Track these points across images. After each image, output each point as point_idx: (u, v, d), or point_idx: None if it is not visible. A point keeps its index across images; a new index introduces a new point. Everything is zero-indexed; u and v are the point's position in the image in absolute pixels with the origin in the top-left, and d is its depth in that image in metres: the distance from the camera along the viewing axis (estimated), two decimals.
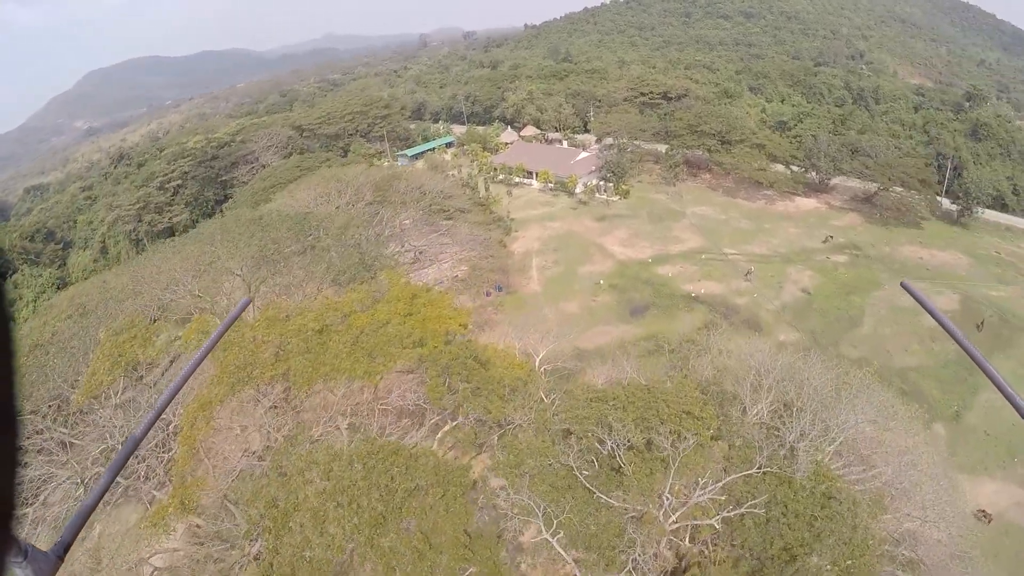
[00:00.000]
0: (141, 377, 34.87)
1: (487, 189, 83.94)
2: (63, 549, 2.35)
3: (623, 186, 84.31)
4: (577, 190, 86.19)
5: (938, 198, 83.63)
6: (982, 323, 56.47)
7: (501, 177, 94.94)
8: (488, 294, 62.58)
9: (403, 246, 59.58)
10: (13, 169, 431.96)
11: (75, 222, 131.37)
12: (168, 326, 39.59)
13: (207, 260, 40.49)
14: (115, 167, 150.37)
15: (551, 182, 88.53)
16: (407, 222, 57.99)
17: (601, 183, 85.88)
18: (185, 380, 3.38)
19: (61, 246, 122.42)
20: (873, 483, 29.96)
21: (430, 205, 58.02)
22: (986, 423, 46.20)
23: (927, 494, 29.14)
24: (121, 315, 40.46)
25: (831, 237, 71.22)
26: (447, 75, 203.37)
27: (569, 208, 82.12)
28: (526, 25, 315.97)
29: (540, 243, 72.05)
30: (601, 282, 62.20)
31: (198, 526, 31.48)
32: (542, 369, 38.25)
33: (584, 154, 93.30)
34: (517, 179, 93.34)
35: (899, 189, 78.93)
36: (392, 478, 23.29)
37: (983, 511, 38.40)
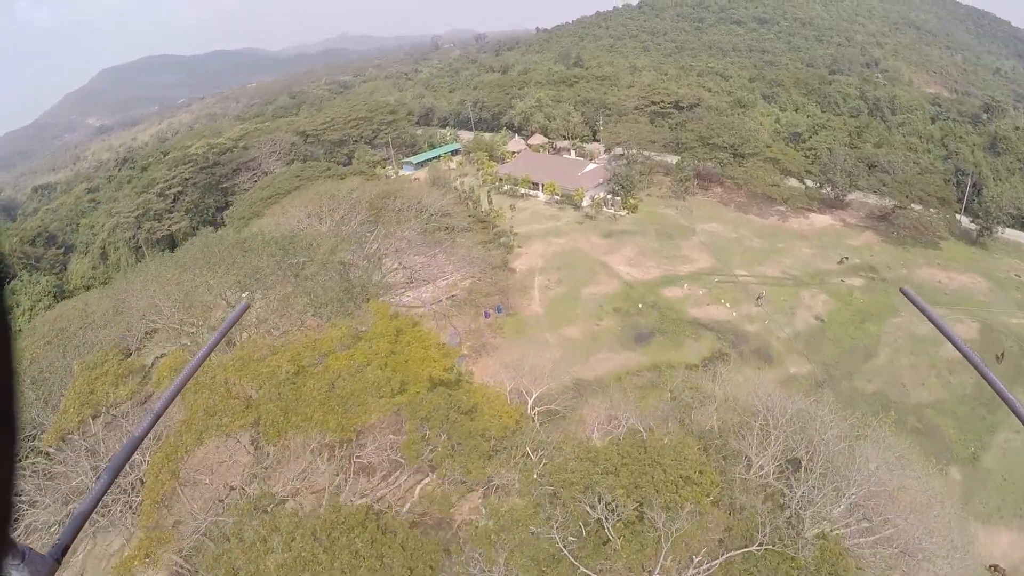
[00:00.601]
0: (111, 421, 33.11)
1: (490, 203, 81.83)
2: (60, 552, 2.36)
3: (631, 200, 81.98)
4: (584, 203, 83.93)
5: (957, 216, 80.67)
6: (1002, 354, 53.79)
7: (507, 188, 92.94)
8: (487, 315, 60.49)
9: (399, 264, 57.67)
10: (26, 165, 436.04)
11: (77, 225, 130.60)
12: (145, 358, 37.78)
13: (186, 288, 38.56)
14: (119, 170, 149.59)
15: (557, 194, 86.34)
16: (403, 242, 56.02)
17: (609, 197, 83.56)
18: (184, 384, 3.40)
19: (62, 251, 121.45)
20: (885, 549, 27.68)
21: (427, 223, 56.00)
22: (1003, 466, 43.74)
23: (941, 557, 26.93)
24: (98, 345, 38.74)
25: (846, 258, 68.57)
26: (457, 79, 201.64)
27: (575, 223, 79.85)
28: (537, 29, 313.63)
29: (543, 260, 69.87)
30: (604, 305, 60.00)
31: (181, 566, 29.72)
32: (534, 411, 36.08)
33: (592, 166, 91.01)
34: (523, 190, 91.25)
35: (917, 207, 76.11)
36: (356, 553, 21.24)
37: (996, 567, 36.02)
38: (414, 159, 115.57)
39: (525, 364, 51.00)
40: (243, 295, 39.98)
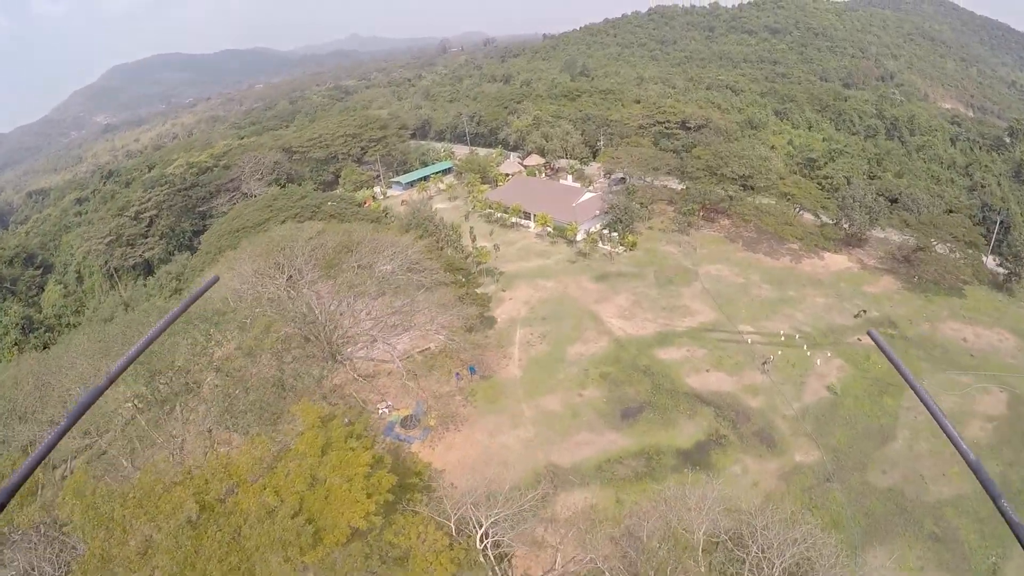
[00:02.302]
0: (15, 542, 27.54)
1: (473, 240, 75.69)
2: (6, 495, 2.49)
3: (630, 236, 75.55)
4: (578, 237, 77.66)
5: (984, 258, 73.76)
6: None
7: (498, 216, 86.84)
8: (459, 376, 54.46)
9: (367, 314, 51.62)
10: (31, 162, 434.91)
11: (58, 244, 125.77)
12: (52, 472, 31.98)
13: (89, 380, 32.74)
14: (104, 183, 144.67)
15: (549, 227, 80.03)
16: (367, 296, 49.99)
17: (605, 232, 77.21)
18: (143, 348, 3.42)
19: (40, 271, 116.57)
20: None
21: (391, 276, 49.92)
22: None
23: None
24: (14, 442, 33.31)
25: (864, 312, 61.87)
26: (458, 87, 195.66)
27: (567, 261, 73.53)
28: (545, 36, 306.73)
29: (528, 309, 63.61)
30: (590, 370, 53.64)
31: None
32: (484, 545, 29.89)
33: (588, 195, 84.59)
34: (514, 219, 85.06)
35: (942, 248, 69.32)
36: None
37: None
38: (403, 179, 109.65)
39: (491, 457, 45.62)
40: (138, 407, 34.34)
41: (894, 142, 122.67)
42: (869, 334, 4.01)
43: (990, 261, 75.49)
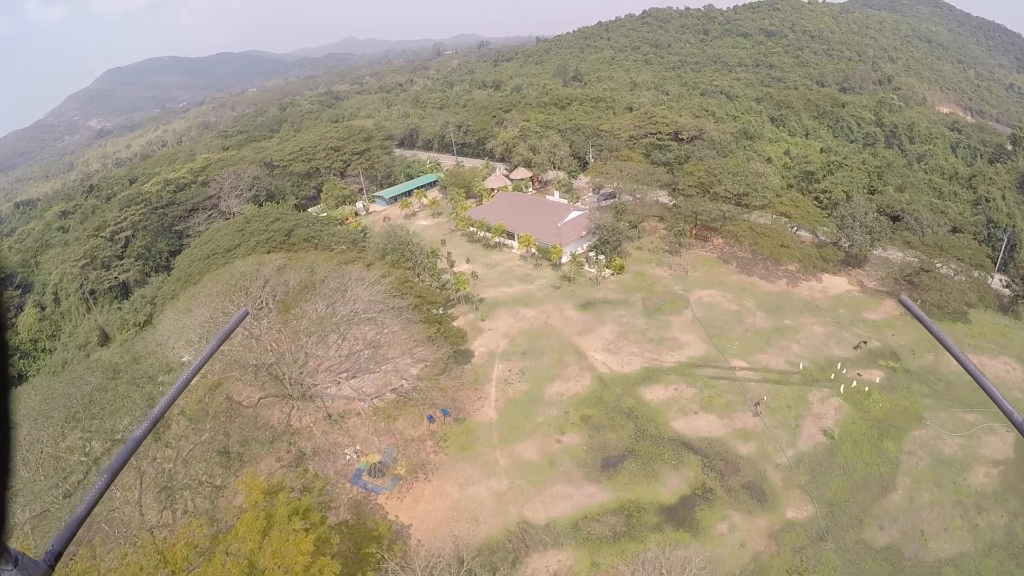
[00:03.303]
0: None
1: (452, 265, 72.29)
2: (54, 558, 2.39)
3: (617, 259, 72.10)
4: (563, 259, 74.24)
5: (990, 278, 70.39)
6: None
7: (481, 235, 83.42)
8: (431, 419, 51.13)
9: (335, 351, 48.19)
10: (23, 168, 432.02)
11: (38, 263, 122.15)
12: None
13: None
14: (85, 198, 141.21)
15: (533, 248, 76.58)
16: (337, 332, 46.58)
17: (592, 254, 73.80)
18: (182, 388, 3.46)
19: (19, 292, 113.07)
20: None
21: (356, 317, 46.45)
22: None
23: None
24: None
25: (864, 343, 58.40)
26: (448, 93, 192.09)
27: (551, 287, 70.07)
28: (538, 39, 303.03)
29: (507, 341, 60.15)
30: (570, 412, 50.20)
31: None
32: None
33: (574, 214, 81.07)
34: (497, 239, 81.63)
35: (946, 270, 65.87)
36: None
37: None
38: (386, 193, 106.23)
39: (461, 511, 42.29)
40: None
41: (894, 151, 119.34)
42: (901, 301, 4.10)
43: (996, 281, 72.17)
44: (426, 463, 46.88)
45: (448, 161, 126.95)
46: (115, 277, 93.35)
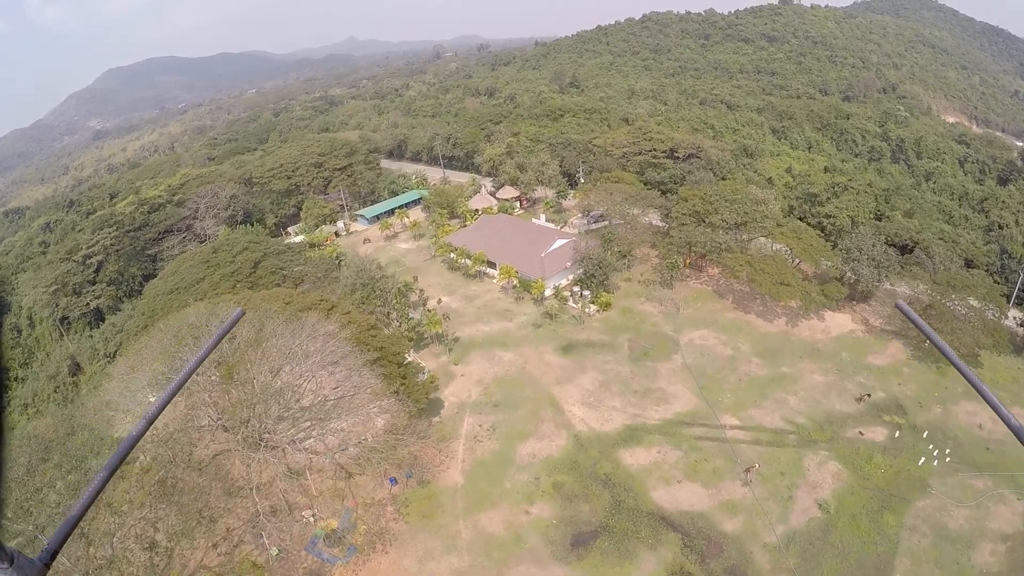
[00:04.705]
0: None
1: (424, 304, 67.89)
2: (50, 556, 2.40)
3: (603, 295, 67.59)
4: (546, 292, 69.86)
5: (1004, 318, 65.63)
6: None
7: (462, 262, 79.04)
8: (393, 482, 46.96)
9: (296, 402, 43.90)
10: (21, 169, 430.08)
11: (17, 282, 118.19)
12: None
13: None
14: (66, 213, 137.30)
15: (515, 280, 72.14)
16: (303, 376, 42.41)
17: (576, 288, 69.33)
18: (177, 389, 3.46)
19: None
20: None
21: (310, 374, 42.14)
22: None
23: None
24: None
25: (867, 396, 53.82)
26: (441, 100, 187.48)
27: (531, 325, 65.58)
28: (536, 43, 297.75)
29: (480, 390, 55.75)
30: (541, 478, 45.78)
31: None
32: None
33: (560, 242, 76.55)
34: (478, 268, 77.22)
35: (958, 307, 61.10)
36: None
37: None
38: (368, 212, 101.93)
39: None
40: None
41: (900, 167, 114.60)
42: (897, 306, 3.99)
43: (1010, 317, 67.47)
44: (385, 531, 42.92)
45: (435, 174, 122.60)
46: (86, 304, 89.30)
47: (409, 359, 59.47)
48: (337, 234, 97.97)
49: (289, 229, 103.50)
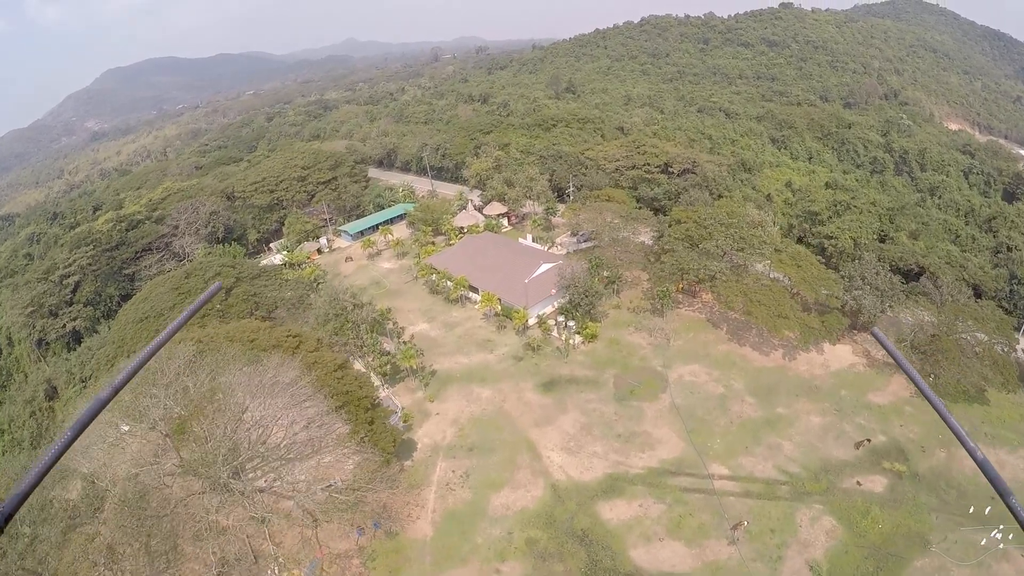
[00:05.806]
0: None
1: (399, 336, 64.94)
2: (3, 520, 2.37)
3: (589, 325, 64.48)
4: (530, 321, 66.84)
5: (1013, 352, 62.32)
6: None
7: (444, 285, 76.04)
8: (360, 532, 44.08)
9: (262, 443, 40.96)
10: (17, 171, 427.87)
11: None
12: None
13: None
14: (50, 226, 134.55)
15: (497, 308, 69.05)
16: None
17: (561, 319, 66.19)
18: (150, 356, 3.43)
19: None
20: None
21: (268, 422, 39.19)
22: None
23: None
24: None
25: (867, 441, 50.66)
26: (435, 106, 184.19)
27: (512, 357, 62.48)
28: (534, 46, 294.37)
29: (455, 431, 52.73)
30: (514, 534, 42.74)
31: None
32: None
33: (545, 266, 73.41)
34: (460, 292, 74.13)
35: (967, 339, 57.99)
36: None
37: None
38: (351, 228, 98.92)
39: None
40: None
41: (903, 179, 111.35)
42: (872, 333, 4.02)
43: (1018, 350, 64.13)
44: None
45: (424, 186, 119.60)
46: (63, 326, 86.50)
47: (383, 395, 56.67)
48: (320, 251, 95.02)
49: (271, 245, 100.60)
